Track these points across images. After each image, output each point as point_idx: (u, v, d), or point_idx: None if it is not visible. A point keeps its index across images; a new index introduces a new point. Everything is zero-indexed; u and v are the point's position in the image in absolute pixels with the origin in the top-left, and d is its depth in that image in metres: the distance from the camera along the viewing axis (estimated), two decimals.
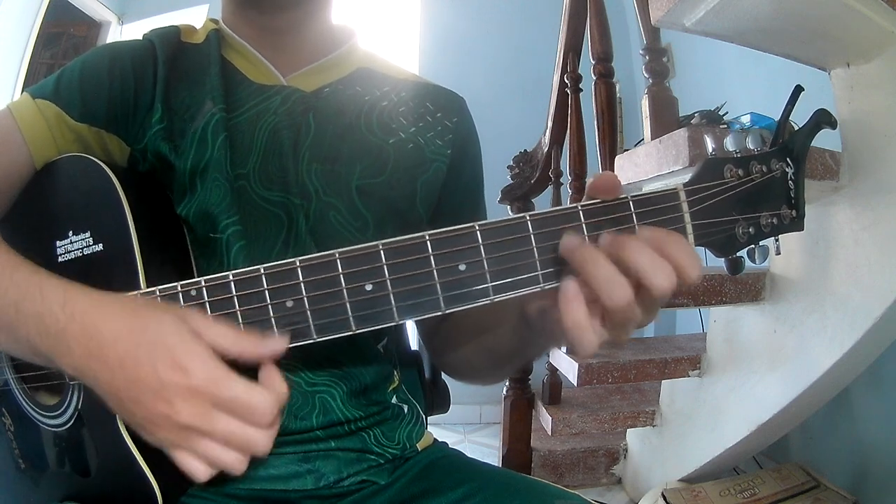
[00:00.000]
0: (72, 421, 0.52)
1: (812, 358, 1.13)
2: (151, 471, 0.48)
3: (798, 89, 0.43)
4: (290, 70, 0.61)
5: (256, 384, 0.39)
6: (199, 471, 0.39)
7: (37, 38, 2.45)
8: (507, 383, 1.73)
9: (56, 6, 2.49)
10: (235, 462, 0.39)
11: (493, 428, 2.57)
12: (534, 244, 0.39)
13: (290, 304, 0.38)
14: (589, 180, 0.42)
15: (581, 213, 0.39)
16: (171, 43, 0.60)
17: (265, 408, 0.38)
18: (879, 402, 1.36)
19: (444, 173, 0.64)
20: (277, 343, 0.39)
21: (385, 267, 0.38)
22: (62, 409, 0.53)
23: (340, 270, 0.37)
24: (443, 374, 0.81)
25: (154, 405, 0.37)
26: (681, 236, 0.39)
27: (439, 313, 0.39)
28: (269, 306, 0.37)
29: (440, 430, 2.48)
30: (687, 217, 0.40)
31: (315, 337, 0.38)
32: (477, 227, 0.38)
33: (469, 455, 0.66)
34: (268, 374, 0.40)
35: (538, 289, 0.39)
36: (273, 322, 0.38)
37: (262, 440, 0.39)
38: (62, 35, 2.76)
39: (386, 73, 0.67)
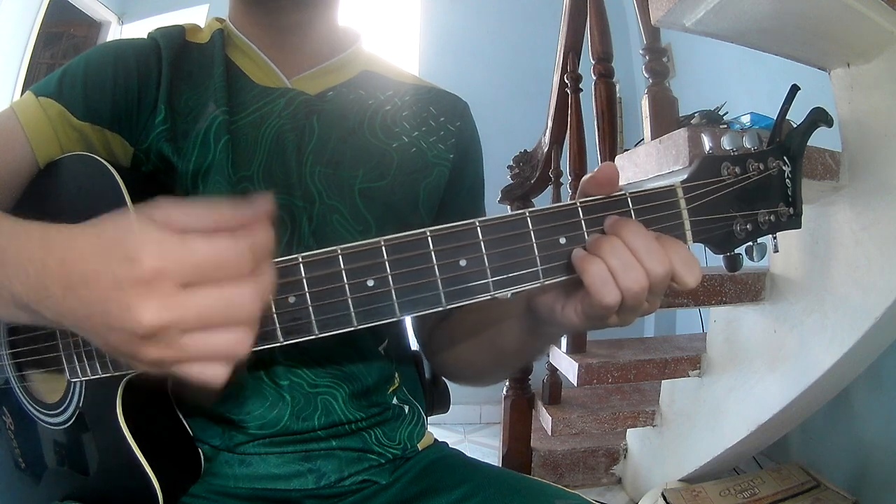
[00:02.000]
0: (73, 419, 0.52)
1: (812, 358, 1.13)
2: (153, 470, 0.48)
3: (794, 88, 0.43)
4: (294, 72, 0.61)
5: (218, 236, 0.32)
6: (209, 373, 0.33)
7: (37, 38, 2.45)
8: (507, 383, 1.73)
9: (56, 6, 2.49)
10: (236, 336, 0.32)
11: (493, 428, 2.57)
12: (533, 240, 0.39)
13: (292, 300, 0.38)
14: (585, 178, 0.42)
15: (580, 209, 0.40)
16: (175, 42, 0.60)
17: (232, 254, 0.32)
18: (879, 402, 1.36)
19: (446, 177, 0.65)
20: (261, 203, 0.34)
21: (387, 263, 0.38)
22: (63, 408, 0.53)
23: (342, 266, 0.38)
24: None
25: (121, 312, 0.31)
26: (681, 243, 0.40)
27: (440, 308, 0.39)
28: (272, 302, 0.37)
29: (440, 430, 2.49)
30: (685, 214, 0.41)
31: (317, 333, 0.38)
32: (477, 224, 0.39)
33: (469, 455, 0.66)
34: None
35: (538, 284, 0.40)
36: (275, 318, 0.38)
37: (248, 297, 0.32)
38: (62, 35, 2.76)
39: (389, 77, 0.67)
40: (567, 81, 1.68)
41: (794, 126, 0.43)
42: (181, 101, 0.58)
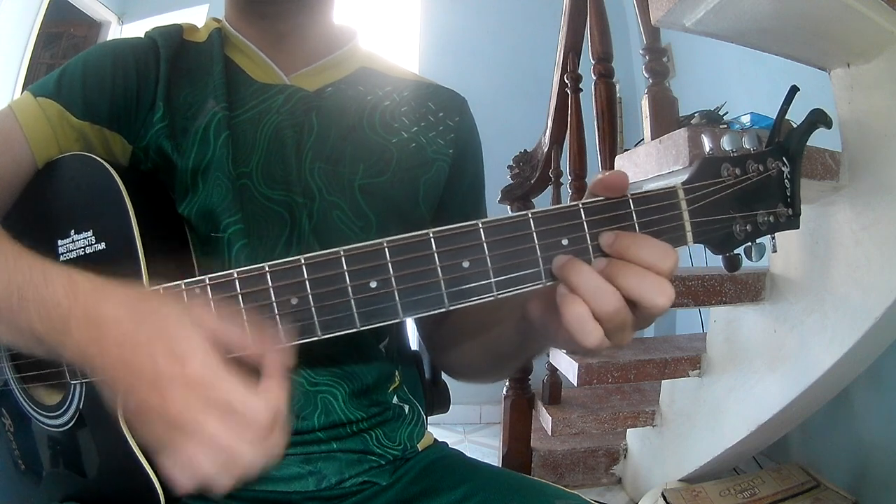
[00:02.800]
0: (73, 421, 0.52)
1: (812, 358, 1.13)
2: (154, 471, 0.48)
3: (794, 89, 0.43)
4: (292, 69, 0.61)
5: (254, 392, 0.36)
6: (182, 479, 0.36)
7: (37, 38, 2.45)
8: (507, 383, 1.73)
9: (56, 6, 2.49)
10: (219, 474, 0.36)
11: (493, 428, 2.57)
12: (536, 241, 0.39)
13: (294, 301, 0.38)
14: (597, 176, 0.41)
15: (582, 210, 0.40)
16: (173, 41, 0.60)
17: (258, 418, 0.36)
18: (879, 402, 1.36)
19: (446, 172, 0.65)
20: (286, 356, 0.38)
21: (389, 264, 0.38)
22: (63, 410, 0.53)
23: (345, 268, 0.38)
24: (443, 373, 0.81)
25: (147, 394, 0.36)
26: (646, 236, 0.39)
27: (443, 309, 0.39)
28: (274, 304, 0.37)
29: (440, 430, 2.49)
30: (685, 215, 0.41)
31: (320, 334, 0.38)
32: (480, 225, 0.39)
33: (469, 455, 0.66)
34: (268, 382, 0.37)
35: (540, 285, 0.40)
36: (277, 320, 0.38)
37: (249, 454, 0.36)
38: (62, 35, 2.76)
39: (387, 73, 0.67)
40: (567, 81, 1.67)
41: (794, 126, 0.43)
42: (180, 98, 0.58)
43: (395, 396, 0.64)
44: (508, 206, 1.81)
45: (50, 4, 2.45)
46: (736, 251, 0.43)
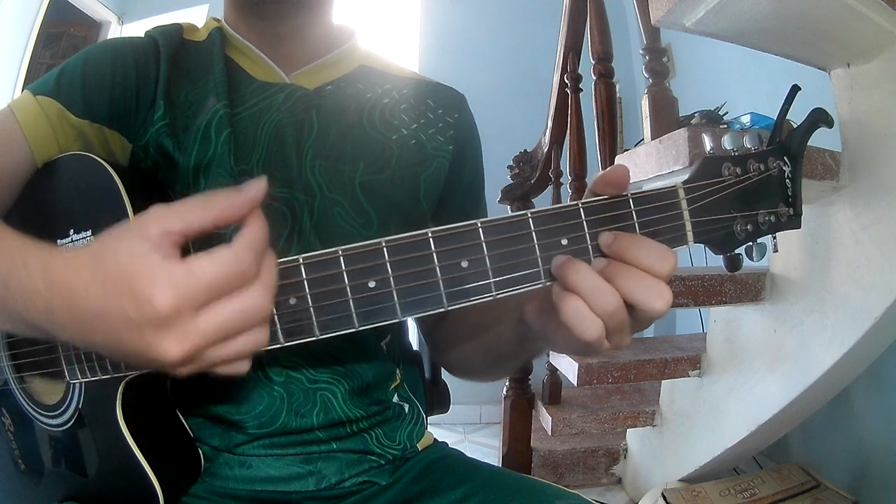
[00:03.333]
0: (72, 421, 0.52)
1: (812, 358, 1.13)
2: (153, 470, 0.48)
3: (795, 89, 0.43)
4: (292, 68, 0.62)
5: (229, 250, 0.33)
6: (238, 368, 0.35)
7: (37, 38, 2.45)
8: (507, 383, 1.73)
9: (56, 6, 2.49)
10: (256, 341, 0.35)
11: (493, 428, 2.57)
12: (535, 241, 0.39)
13: (293, 301, 0.37)
14: (597, 174, 0.41)
15: (582, 210, 0.40)
16: (173, 40, 0.60)
17: (243, 265, 0.33)
18: (879, 402, 1.36)
19: (446, 169, 0.65)
20: (254, 189, 0.35)
21: (388, 264, 0.38)
22: (62, 409, 0.53)
23: (343, 268, 0.37)
24: (443, 373, 0.81)
25: (145, 350, 0.33)
26: (645, 238, 0.39)
27: (442, 309, 0.39)
28: (273, 303, 0.37)
29: (440, 430, 2.49)
30: (686, 215, 0.41)
31: (318, 334, 0.38)
32: (479, 225, 0.39)
33: (469, 455, 0.66)
34: (243, 231, 0.35)
35: (540, 285, 0.40)
36: (276, 319, 0.38)
37: (260, 299, 0.34)
38: (62, 35, 2.76)
39: (386, 71, 0.67)
40: (567, 81, 1.67)
41: (795, 126, 0.43)
42: (180, 96, 0.58)
43: (396, 395, 0.64)
44: (508, 206, 1.80)
45: (50, 4, 2.45)
46: (737, 251, 0.42)
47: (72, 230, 0.51)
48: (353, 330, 0.38)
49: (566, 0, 1.70)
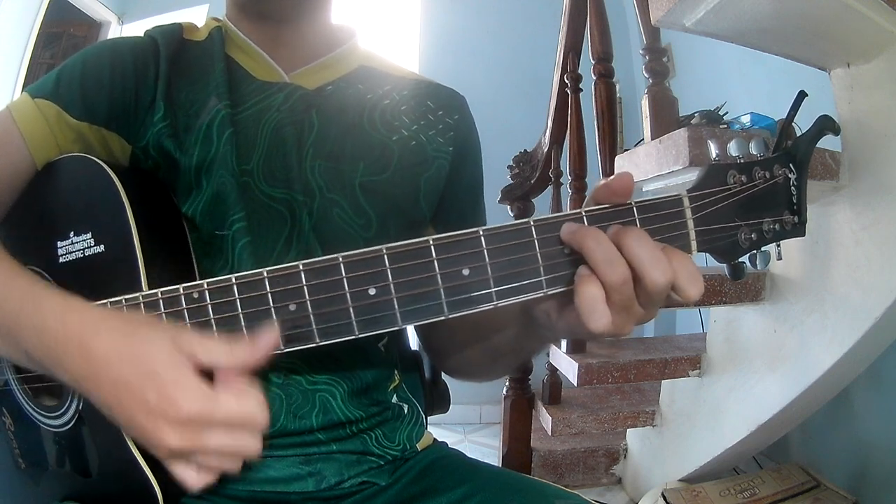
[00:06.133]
0: (73, 422, 0.52)
1: (812, 358, 1.13)
2: (153, 472, 0.48)
3: (802, 95, 0.42)
4: (292, 67, 0.61)
5: (242, 391, 0.39)
6: (193, 479, 0.39)
7: (37, 38, 2.45)
8: (506, 383, 1.73)
9: (56, 6, 2.49)
10: (229, 468, 0.40)
11: (493, 428, 2.57)
12: (537, 249, 0.39)
13: (292, 307, 0.37)
14: (600, 183, 0.41)
15: (585, 218, 0.39)
16: (173, 40, 0.60)
17: (256, 416, 0.38)
18: (879, 402, 1.36)
19: (446, 170, 0.65)
20: (270, 339, 0.39)
21: (388, 271, 0.38)
22: (63, 410, 0.53)
23: (344, 274, 0.37)
24: (443, 373, 0.81)
25: (145, 429, 0.38)
26: (687, 255, 0.39)
27: (442, 317, 0.38)
28: (272, 310, 0.37)
29: (440, 430, 2.49)
30: (690, 223, 0.40)
31: (318, 341, 0.38)
32: (481, 232, 0.38)
33: (469, 455, 0.66)
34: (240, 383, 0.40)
35: (541, 294, 0.39)
36: (276, 325, 0.38)
37: (254, 444, 0.39)
38: (62, 35, 2.76)
39: (387, 72, 0.67)
40: (567, 81, 1.67)
41: (800, 132, 0.42)
42: (181, 96, 0.57)
43: (395, 396, 0.64)
44: (508, 207, 1.81)
45: (50, 4, 2.45)
46: (740, 259, 0.42)
47: (72, 232, 0.51)
48: (353, 337, 0.38)
49: (566, 0, 1.70)
